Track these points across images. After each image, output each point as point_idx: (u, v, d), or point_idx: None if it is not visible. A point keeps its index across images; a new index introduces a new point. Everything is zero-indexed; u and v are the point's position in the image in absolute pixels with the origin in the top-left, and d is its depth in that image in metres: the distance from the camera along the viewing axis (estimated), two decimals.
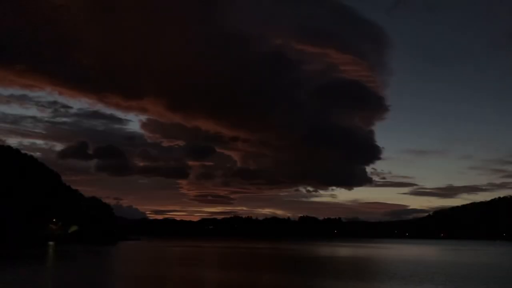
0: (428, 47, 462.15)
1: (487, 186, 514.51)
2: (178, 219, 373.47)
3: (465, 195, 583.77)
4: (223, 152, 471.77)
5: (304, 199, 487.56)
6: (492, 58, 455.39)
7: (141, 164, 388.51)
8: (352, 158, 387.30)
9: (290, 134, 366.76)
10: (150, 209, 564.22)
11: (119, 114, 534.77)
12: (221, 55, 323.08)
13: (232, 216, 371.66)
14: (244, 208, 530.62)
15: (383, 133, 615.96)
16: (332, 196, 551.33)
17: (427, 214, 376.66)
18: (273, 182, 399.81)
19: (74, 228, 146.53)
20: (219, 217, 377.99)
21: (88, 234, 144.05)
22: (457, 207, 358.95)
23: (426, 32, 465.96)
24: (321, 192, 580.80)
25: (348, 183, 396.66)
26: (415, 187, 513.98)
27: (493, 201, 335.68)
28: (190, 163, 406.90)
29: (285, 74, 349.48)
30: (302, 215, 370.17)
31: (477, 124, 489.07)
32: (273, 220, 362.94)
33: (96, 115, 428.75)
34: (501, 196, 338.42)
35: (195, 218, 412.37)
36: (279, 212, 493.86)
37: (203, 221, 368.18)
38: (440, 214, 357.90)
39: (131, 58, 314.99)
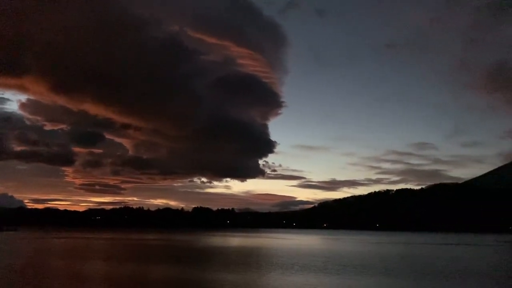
0: (317, 49, 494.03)
1: (365, 181, 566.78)
2: (61, 208, 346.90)
3: (346, 189, 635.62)
4: (113, 139, 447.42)
5: (198, 190, 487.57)
6: (374, 62, 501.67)
7: (19, 148, 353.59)
8: (247, 151, 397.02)
9: (185, 124, 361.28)
10: (29, 198, 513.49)
11: None
12: (114, 37, 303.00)
13: (122, 206, 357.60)
14: (135, 199, 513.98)
15: (276, 128, 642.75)
16: (226, 187, 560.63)
17: (312, 205, 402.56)
18: (167, 173, 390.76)
19: None
20: (108, 207, 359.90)
21: None
22: (339, 199, 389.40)
23: (316, 34, 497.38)
24: (216, 183, 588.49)
25: (242, 175, 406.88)
26: (303, 180, 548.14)
27: (369, 194, 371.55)
28: (76, 149, 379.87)
29: (181, 63, 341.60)
30: (196, 206, 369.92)
31: (358, 124, 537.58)
32: (166, 211, 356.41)
33: None
34: (376, 190, 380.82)
35: (81, 208, 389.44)
36: (173, 203, 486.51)
37: (90, 211, 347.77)
38: (324, 205, 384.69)
39: (10, 30, 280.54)
